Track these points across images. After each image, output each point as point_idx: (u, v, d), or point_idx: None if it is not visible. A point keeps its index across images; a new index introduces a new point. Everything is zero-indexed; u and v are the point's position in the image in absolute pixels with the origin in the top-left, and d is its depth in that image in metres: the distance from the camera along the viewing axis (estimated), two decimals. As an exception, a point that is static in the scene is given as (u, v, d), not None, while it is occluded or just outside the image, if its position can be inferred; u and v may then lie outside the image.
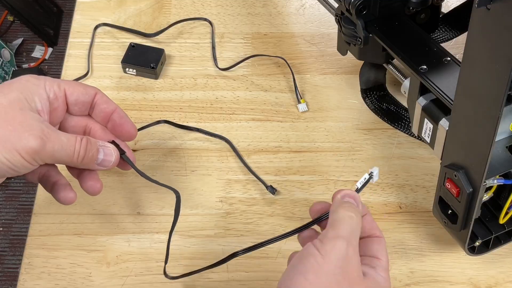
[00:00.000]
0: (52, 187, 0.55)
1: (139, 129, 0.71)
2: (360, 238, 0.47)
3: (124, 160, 0.56)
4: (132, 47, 0.78)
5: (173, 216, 0.65)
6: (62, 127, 0.57)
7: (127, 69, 0.77)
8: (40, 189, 0.68)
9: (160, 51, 0.77)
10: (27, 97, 0.51)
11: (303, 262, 0.43)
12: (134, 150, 0.71)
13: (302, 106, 0.73)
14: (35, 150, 0.49)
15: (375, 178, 0.57)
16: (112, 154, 0.55)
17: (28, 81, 0.52)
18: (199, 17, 0.82)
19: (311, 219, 0.51)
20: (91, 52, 0.79)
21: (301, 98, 0.74)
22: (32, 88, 0.52)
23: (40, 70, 1.79)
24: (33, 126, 0.49)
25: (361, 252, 0.47)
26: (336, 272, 0.42)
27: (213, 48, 0.79)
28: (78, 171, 0.56)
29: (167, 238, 0.64)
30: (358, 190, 0.51)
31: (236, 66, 0.77)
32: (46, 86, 0.53)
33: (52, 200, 0.67)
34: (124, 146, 0.57)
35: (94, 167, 0.54)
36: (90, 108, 0.57)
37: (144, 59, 0.77)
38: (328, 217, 0.48)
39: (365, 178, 0.55)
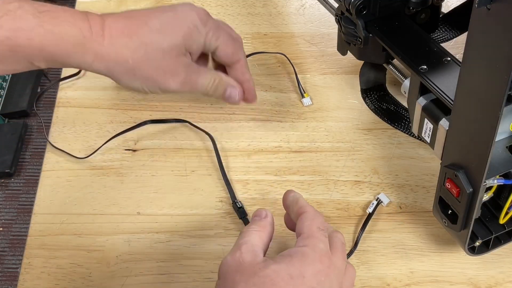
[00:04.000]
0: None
1: (133, 128, 0.72)
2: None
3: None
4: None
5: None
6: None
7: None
8: (40, 189, 0.68)
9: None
10: (187, 45, 0.60)
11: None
12: (134, 150, 0.71)
13: (306, 100, 0.74)
14: (173, 90, 0.61)
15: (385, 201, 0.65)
16: (236, 96, 0.65)
17: (195, 27, 0.60)
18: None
19: None
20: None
21: (305, 92, 0.74)
22: (196, 36, 0.60)
23: (40, 70, 1.79)
24: (179, 73, 0.60)
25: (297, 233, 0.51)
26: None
27: None
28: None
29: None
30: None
31: (236, 66, 0.77)
32: (207, 37, 0.62)
33: (52, 200, 0.67)
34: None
35: (222, 100, 0.65)
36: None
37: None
38: None
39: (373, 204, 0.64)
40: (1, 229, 1.58)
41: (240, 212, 0.65)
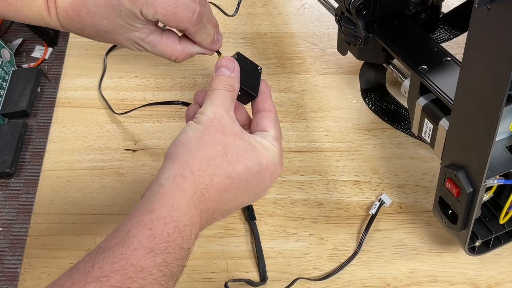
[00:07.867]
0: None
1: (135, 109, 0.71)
2: (254, 114, 0.55)
3: None
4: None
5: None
6: None
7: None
8: (40, 189, 0.68)
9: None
10: None
11: (187, 131, 0.49)
12: (134, 150, 0.71)
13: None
14: (153, 15, 0.54)
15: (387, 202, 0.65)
16: (219, 41, 0.59)
17: None
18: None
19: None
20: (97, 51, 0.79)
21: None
22: None
23: (40, 70, 1.79)
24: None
25: (252, 129, 0.54)
26: (214, 133, 0.49)
27: None
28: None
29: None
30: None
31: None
32: None
33: (52, 200, 0.67)
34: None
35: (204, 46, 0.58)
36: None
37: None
38: None
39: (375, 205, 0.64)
40: (1, 229, 1.58)
41: (250, 215, 0.64)
